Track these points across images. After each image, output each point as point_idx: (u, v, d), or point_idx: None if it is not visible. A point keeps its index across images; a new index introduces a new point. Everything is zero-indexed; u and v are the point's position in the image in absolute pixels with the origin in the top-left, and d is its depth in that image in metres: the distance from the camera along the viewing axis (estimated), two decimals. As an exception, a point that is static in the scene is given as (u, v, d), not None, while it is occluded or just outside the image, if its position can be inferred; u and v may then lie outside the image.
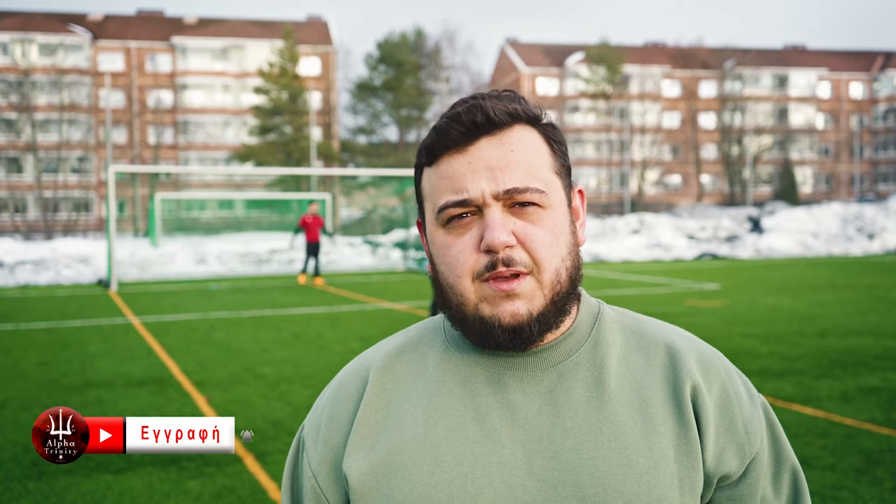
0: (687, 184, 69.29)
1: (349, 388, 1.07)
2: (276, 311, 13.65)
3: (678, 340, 1.05)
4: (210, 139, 62.11)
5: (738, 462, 1.00)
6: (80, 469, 5.17)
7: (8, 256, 23.53)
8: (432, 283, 1.05)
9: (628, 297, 14.78)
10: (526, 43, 71.89)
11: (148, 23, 63.45)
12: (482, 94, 1.02)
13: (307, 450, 1.08)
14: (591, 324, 1.06)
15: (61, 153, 53.33)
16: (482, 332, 0.98)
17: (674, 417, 0.99)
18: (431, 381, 1.04)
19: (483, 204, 0.97)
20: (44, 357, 9.32)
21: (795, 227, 30.12)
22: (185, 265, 23.78)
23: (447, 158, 0.99)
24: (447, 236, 0.99)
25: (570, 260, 1.01)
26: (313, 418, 1.10)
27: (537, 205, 0.98)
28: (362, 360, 1.11)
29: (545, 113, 1.05)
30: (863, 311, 12.10)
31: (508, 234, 0.96)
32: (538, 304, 0.97)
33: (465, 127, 0.98)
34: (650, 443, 0.97)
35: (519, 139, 0.99)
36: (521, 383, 1.01)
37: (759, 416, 1.04)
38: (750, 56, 67.62)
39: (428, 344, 1.08)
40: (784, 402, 6.47)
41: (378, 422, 1.03)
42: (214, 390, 7.39)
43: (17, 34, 56.51)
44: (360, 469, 1.00)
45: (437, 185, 1.00)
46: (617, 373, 1.02)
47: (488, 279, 0.96)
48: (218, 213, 50.32)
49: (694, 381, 1.00)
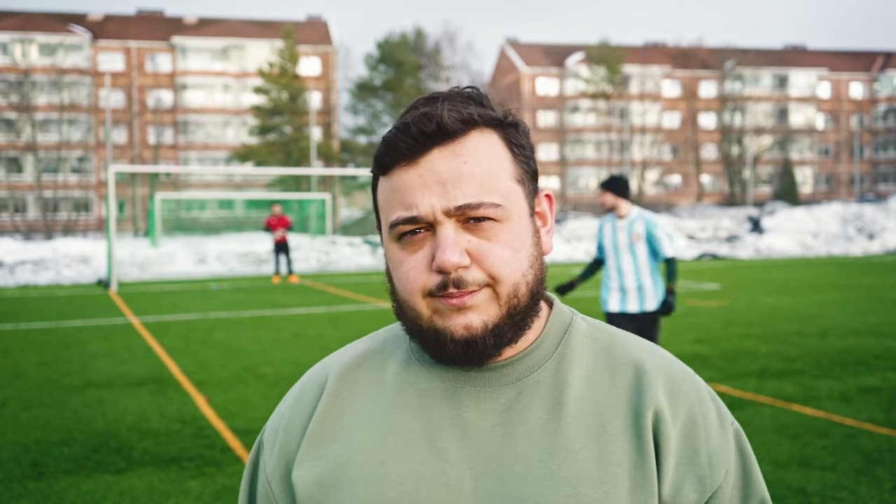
0: (687, 184, 69.28)
1: (308, 393, 1.03)
2: (276, 311, 13.65)
3: (648, 360, 0.98)
4: (210, 139, 62.12)
5: (696, 496, 0.94)
6: (80, 469, 5.17)
7: (8, 256, 23.53)
8: (389, 293, 1.00)
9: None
10: (526, 43, 71.88)
11: (148, 23, 63.45)
12: (439, 94, 0.96)
13: (264, 454, 1.04)
14: (558, 338, 1.00)
15: (61, 153, 53.30)
16: (435, 345, 0.94)
17: (632, 446, 0.93)
18: (388, 392, 0.99)
19: (434, 221, 0.91)
20: (44, 357, 9.32)
21: (795, 227, 30.12)
22: (185, 265, 23.79)
23: (398, 170, 0.93)
24: (400, 252, 0.94)
25: (531, 273, 0.95)
26: (274, 421, 1.06)
27: (493, 219, 0.91)
28: (324, 365, 1.07)
29: (509, 112, 0.97)
30: (863, 311, 12.10)
31: (461, 253, 0.90)
32: (493, 315, 0.92)
33: (414, 139, 0.91)
34: (602, 473, 0.91)
35: (475, 148, 0.92)
36: (477, 400, 0.95)
37: (727, 446, 0.97)
38: (750, 56, 67.62)
39: (391, 352, 1.03)
40: (784, 402, 6.47)
41: (330, 431, 0.98)
42: (214, 390, 7.39)
43: (17, 34, 56.51)
44: (307, 480, 0.96)
45: (388, 199, 0.94)
46: (577, 394, 0.95)
47: (440, 297, 0.92)
48: (218, 213, 50.32)
49: (657, 407, 0.94)
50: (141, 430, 6.04)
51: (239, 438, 5.80)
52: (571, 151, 68.10)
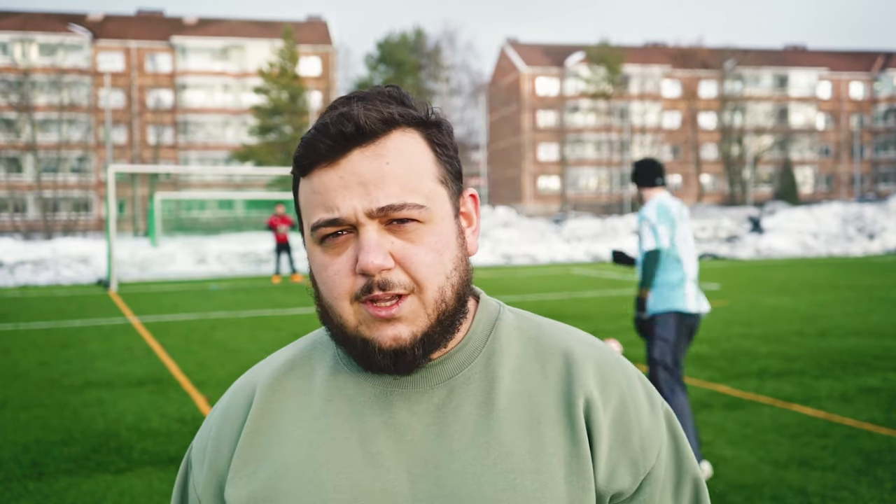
0: (687, 184, 69.29)
1: (235, 407, 1.00)
2: (276, 311, 13.65)
3: (577, 348, 0.98)
4: (210, 139, 62.14)
5: (631, 478, 0.94)
6: (80, 469, 5.17)
7: (8, 256, 23.54)
8: (313, 298, 0.97)
9: (628, 297, 14.77)
10: (526, 43, 71.87)
11: (148, 23, 63.48)
12: (359, 93, 0.94)
13: (193, 472, 1.01)
14: (486, 333, 0.98)
15: (61, 153, 53.35)
16: (363, 354, 0.92)
17: (566, 434, 0.93)
18: (318, 399, 0.97)
19: (357, 223, 0.89)
20: (44, 357, 9.32)
21: (795, 227, 30.13)
22: (185, 265, 23.79)
23: (318, 172, 0.91)
24: (323, 255, 0.92)
25: (456, 276, 0.93)
26: (201, 438, 1.02)
27: (417, 220, 0.90)
28: (251, 375, 1.03)
29: (431, 111, 0.96)
30: (863, 312, 12.10)
31: (385, 256, 0.88)
32: (422, 325, 0.91)
33: (333, 140, 0.89)
34: (538, 464, 0.91)
35: (396, 148, 0.91)
36: (409, 402, 0.94)
37: (658, 428, 0.98)
38: (750, 56, 67.65)
39: (318, 358, 1.01)
40: (784, 402, 6.47)
41: (261, 445, 0.96)
42: (214, 390, 7.39)
43: (17, 34, 56.54)
44: (240, 497, 0.94)
45: (309, 201, 0.93)
46: (509, 387, 0.95)
47: (366, 301, 0.90)
48: (218, 213, 50.34)
49: (587, 394, 0.94)
50: (141, 430, 6.04)
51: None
52: (571, 151, 68.12)
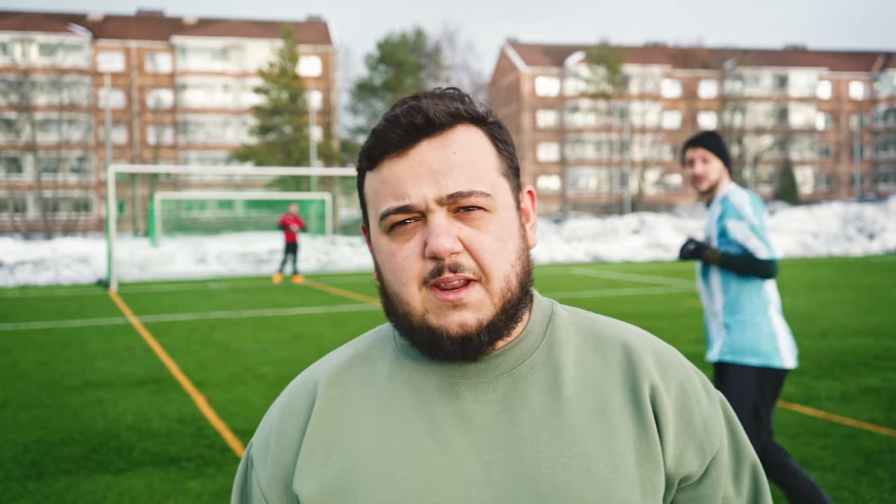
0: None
1: (297, 403, 1.03)
2: (276, 311, 13.65)
3: (634, 339, 1.02)
4: (210, 139, 62.13)
5: (698, 462, 0.98)
6: (80, 469, 5.17)
7: (8, 256, 23.53)
8: (379, 291, 1.01)
9: (628, 297, 14.77)
10: (526, 43, 71.86)
11: (148, 23, 63.46)
12: (423, 93, 0.98)
13: (256, 469, 1.03)
14: (544, 326, 1.02)
15: (61, 153, 53.32)
16: (430, 342, 0.94)
17: (633, 420, 0.96)
18: (383, 392, 1.00)
19: (426, 210, 0.93)
20: (44, 357, 9.32)
21: (795, 227, 30.12)
22: (185, 265, 23.78)
23: (388, 163, 0.95)
24: (391, 243, 0.95)
25: (519, 265, 0.97)
26: (262, 436, 1.05)
27: (483, 209, 0.94)
28: (310, 373, 1.06)
29: (491, 111, 1.00)
30: (863, 312, 12.10)
31: (454, 240, 0.92)
32: (487, 313, 0.93)
33: (404, 130, 0.94)
34: (610, 448, 0.94)
35: (462, 140, 0.95)
36: (475, 391, 0.97)
37: (717, 413, 1.01)
38: (750, 56, 67.63)
39: (378, 354, 1.04)
40: (784, 403, 6.46)
41: (329, 438, 0.98)
42: (214, 390, 7.39)
43: (17, 34, 56.52)
44: (312, 488, 0.96)
45: (378, 191, 0.96)
46: (573, 376, 0.98)
47: (434, 286, 0.92)
48: (218, 213, 50.32)
49: (652, 381, 0.98)
50: (141, 430, 6.04)
51: (239, 438, 5.80)
52: (571, 151, 68.10)
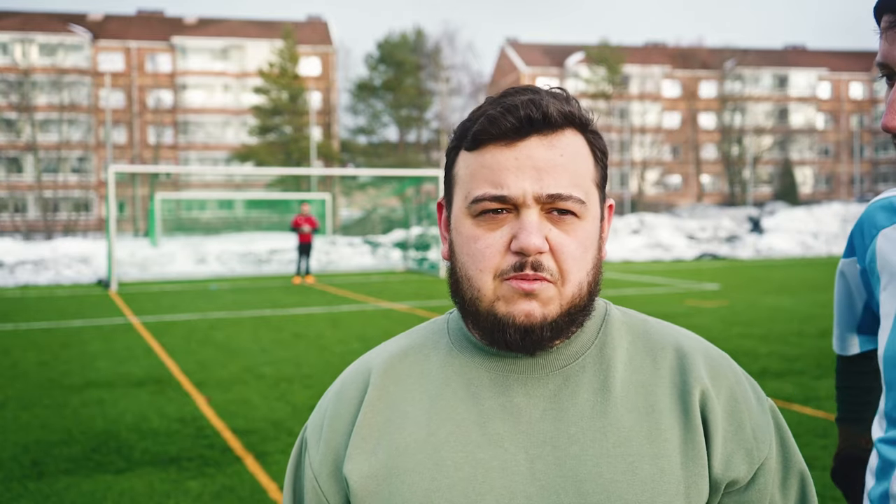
0: (687, 184, 69.28)
1: (351, 389, 1.06)
2: (276, 311, 13.65)
3: (686, 343, 1.03)
4: (210, 139, 62.11)
5: (746, 468, 0.98)
6: (79, 469, 5.17)
7: (8, 256, 23.53)
8: (448, 270, 1.02)
9: (628, 297, 14.78)
10: (526, 43, 71.86)
11: (148, 23, 63.44)
12: (537, 87, 0.99)
13: (309, 450, 1.06)
14: (597, 326, 1.03)
15: (61, 153, 53.33)
16: (493, 329, 0.96)
17: (680, 423, 0.97)
18: (434, 383, 1.02)
19: (522, 204, 0.93)
20: (44, 357, 9.32)
21: (795, 227, 30.13)
22: (185, 265, 23.79)
23: (492, 148, 0.95)
24: (476, 228, 0.96)
25: (592, 275, 0.98)
26: (316, 418, 1.08)
27: (575, 214, 0.95)
28: (364, 361, 1.09)
29: (594, 119, 1.01)
30: (863, 312, 12.09)
31: (543, 239, 0.93)
32: (553, 310, 0.95)
33: (519, 121, 0.94)
34: (656, 449, 0.95)
35: (569, 144, 0.96)
36: (526, 387, 0.99)
37: (767, 420, 1.02)
38: (750, 56, 67.61)
39: (431, 346, 1.06)
40: (784, 402, 6.47)
41: (379, 424, 1.01)
42: (214, 390, 7.39)
43: (17, 34, 56.50)
44: (361, 472, 0.98)
45: (475, 173, 0.96)
46: (623, 376, 1.00)
47: (511, 279, 0.94)
48: (218, 213, 50.28)
49: (703, 386, 0.98)
50: (141, 430, 6.05)
51: (239, 438, 5.80)
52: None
